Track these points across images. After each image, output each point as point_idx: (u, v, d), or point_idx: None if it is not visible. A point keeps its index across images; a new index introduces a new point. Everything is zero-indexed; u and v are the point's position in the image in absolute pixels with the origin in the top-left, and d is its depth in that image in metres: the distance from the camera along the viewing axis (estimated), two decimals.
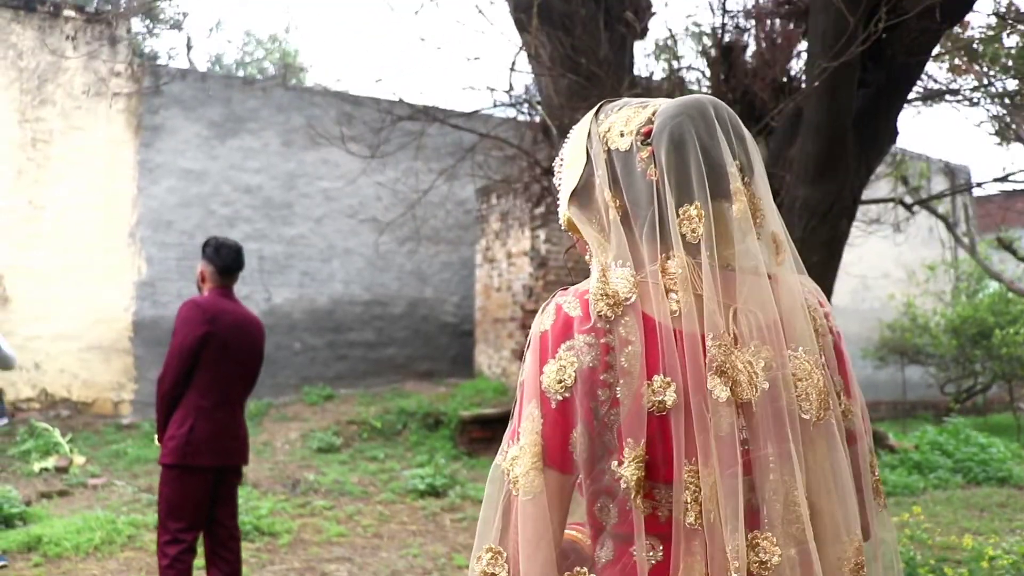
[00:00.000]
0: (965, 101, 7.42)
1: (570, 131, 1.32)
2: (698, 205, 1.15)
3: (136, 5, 7.43)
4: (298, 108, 11.05)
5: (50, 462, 8.14)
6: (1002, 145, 9.15)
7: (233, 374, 3.78)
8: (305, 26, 31.54)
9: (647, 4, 4.45)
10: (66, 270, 9.65)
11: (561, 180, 1.30)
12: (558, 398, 1.13)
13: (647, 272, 1.16)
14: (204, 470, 3.65)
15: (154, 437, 3.91)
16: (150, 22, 16.09)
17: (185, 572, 3.57)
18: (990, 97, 7.95)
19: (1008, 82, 7.65)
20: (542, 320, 1.19)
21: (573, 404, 1.13)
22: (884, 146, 3.43)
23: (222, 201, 10.56)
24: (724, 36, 4.57)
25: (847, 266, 11.53)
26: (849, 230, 3.40)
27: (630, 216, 1.19)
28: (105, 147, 9.92)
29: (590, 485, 1.17)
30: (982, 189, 15.48)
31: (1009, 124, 8.47)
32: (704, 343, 1.12)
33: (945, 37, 3.62)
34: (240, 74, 17.02)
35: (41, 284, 9.50)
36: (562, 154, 1.32)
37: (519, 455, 1.15)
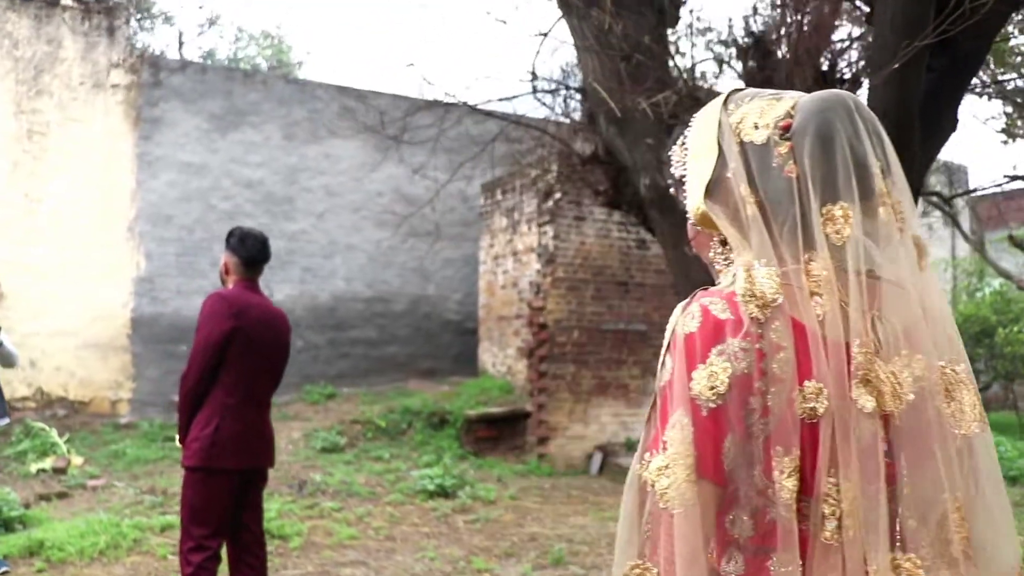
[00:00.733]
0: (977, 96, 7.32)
1: (692, 119, 1.25)
2: (844, 206, 1.10)
3: None
4: (300, 101, 10.85)
5: (48, 463, 7.93)
6: (1008, 143, 9.07)
7: (260, 371, 3.61)
8: (300, 21, 31.28)
9: None
10: (63, 266, 9.43)
11: (686, 171, 1.24)
12: (710, 405, 1.05)
13: (789, 273, 1.10)
14: (230, 472, 3.47)
15: (175, 438, 3.73)
16: (142, 16, 15.87)
17: None
18: (1001, 96, 7.85)
19: (1018, 80, 7.55)
20: (685, 322, 1.10)
21: (725, 412, 1.06)
22: (946, 134, 3.30)
23: (222, 195, 10.35)
24: (754, 24, 4.43)
25: None
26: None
27: (768, 213, 1.13)
28: (103, 140, 9.70)
29: (725, 496, 1.10)
30: (982, 188, 15.49)
31: (1015, 121, 8.40)
32: (849, 351, 1.07)
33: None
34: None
35: (37, 280, 9.27)
36: (683, 143, 1.26)
37: (668, 465, 1.06)
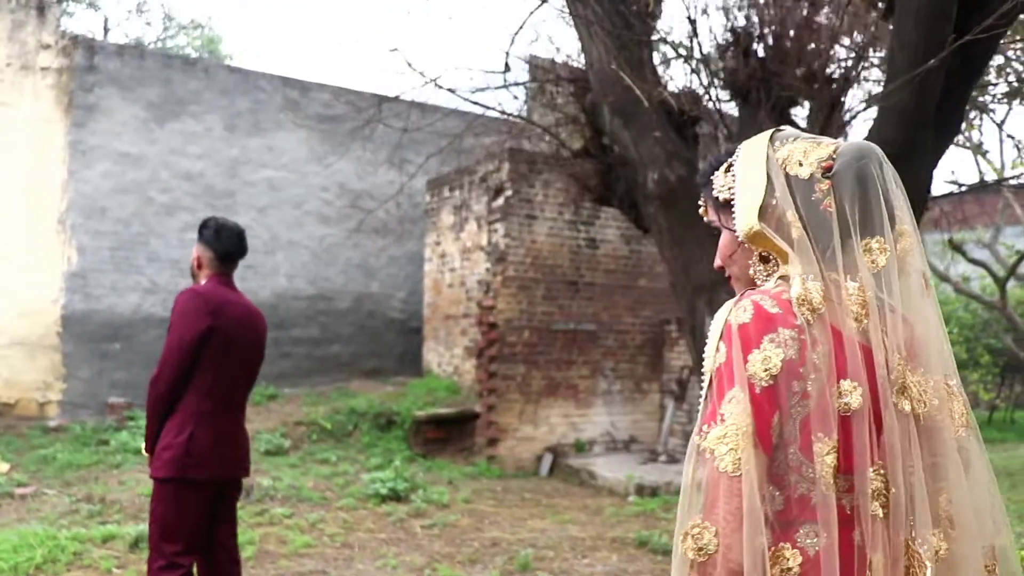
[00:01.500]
0: None
1: (738, 150, 1.44)
2: (880, 240, 1.31)
3: None
4: (242, 92, 10.46)
5: None
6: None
7: (236, 374, 3.38)
8: (232, 11, 30.38)
9: None
10: None
11: (732, 194, 1.42)
12: (763, 384, 1.22)
13: (831, 289, 1.30)
14: (205, 484, 3.24)
15: (141, 447, 3.47)
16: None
17: None
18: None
19: None
20: (738, 315, 1.27)
21: (776, 391, 1.22)
22: (953, 133, 3.29)
23: (160, 188, 9.90)
24: (734, 20, 4.37)
25: None
26: (921, 220, 3.26)
27: (811, 238, 1.32)
28: (32, 125, 9.15)
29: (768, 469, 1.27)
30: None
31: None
32: (887, 359, 1.28)
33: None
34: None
35: None
36: (729, 170, 1.44)
37: (726, 434, 1.20)
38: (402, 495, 7.34)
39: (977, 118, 8.25)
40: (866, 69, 3.93)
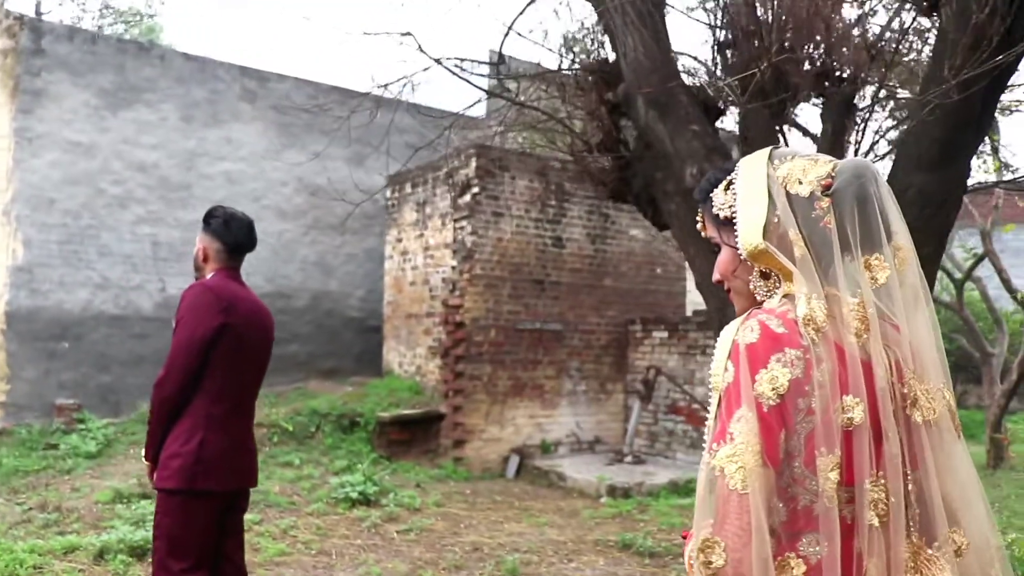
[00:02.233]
0: None
1: (737, 168, 1.46)
2: (879, 257, 1.36)
3: None
4: (199, 81, 10.06)
5: None
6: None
7: (247, 374, 3.14)
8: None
9: None
10: None
11: (733, 212, 1.44)
12: (771, 403, 1.25)
13: (833, 306, 1.34)
14: (215, 495, 3.00)
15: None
16: None
17: None
18: None
19: None
20: (745, 335, 1.31)
21: (783, 410, 1.26)
22: (983, 137, 3.26)
23: (113, 179, 9.44)
24: (735, 15, 4.27)
25: None
26: (955, 219, 3.22)
27: (813, 256, 1.35)
28: None
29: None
30: None
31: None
32: (890, 372, 1.34)
33: None
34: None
35: None
36: (730, 188, 1.46)
37: (736, 452, 1.23)
38: (372, 499, 7.13)
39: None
40: (881, 69, 3.85)
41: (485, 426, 9.39)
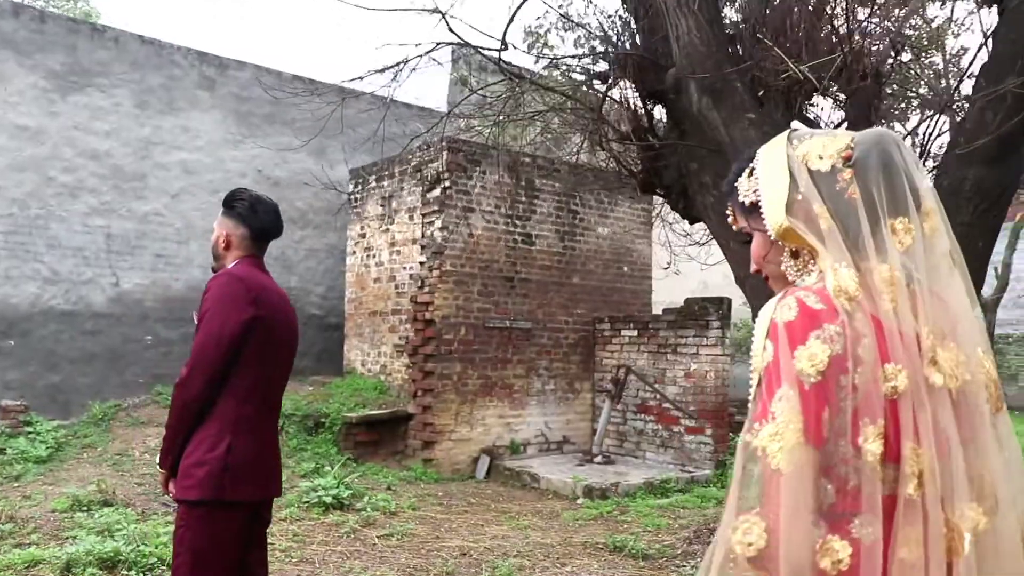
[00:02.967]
0: None
1: (757, 154, 1.47)
2: (904, 220, 1.34)
3: None
4: (156, 66, 9.57)
5: None
6: None
7: (276, 372, 2.86)
8: None
9: None
10: None
11: (757, 197, 1.46)
12: (811, 380, 1.23)
13: (864, 275, 1.32)
14: (244, 506, 2.71)
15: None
16: None
17: None
18: None
19: None
20: (782, 312, 1.29)
21: (824, 387, 1.23)
22: None
23: (63, 167, 8.91)
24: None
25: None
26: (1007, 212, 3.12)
27: (839, 227, 1.34)
28: None
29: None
30: None
31: None
32: (919, 339, 1.30)
33: None
34: None
35: None
36: (751, 175, 1.48)
37: (778, 431, 1.21)
38: (346, 503, 6.84)
39: None
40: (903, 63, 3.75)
41: (455, 426, 9.15)
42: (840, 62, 3.84)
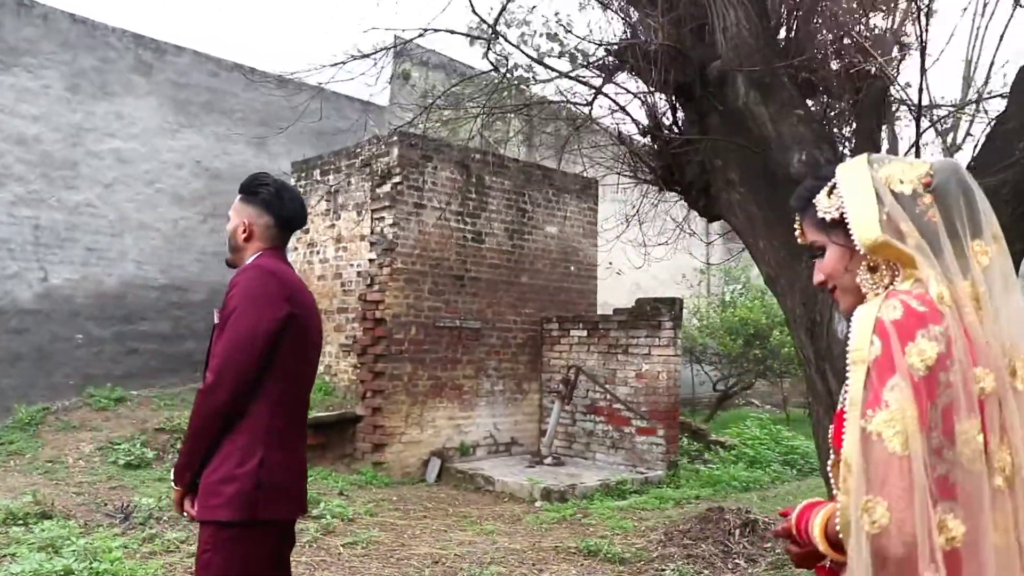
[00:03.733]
0: None
1: (836, 174, 1.57)
2: (981, 243, 1.47)
3: None
4: (89, 47, 9.00)
5: None
6: None
7: (305, 378, 2.60)
8: None
9: None
10: None
11: (838, 214, 1.55)
12: (920, 374, 1.33)
13: (952, 288, 1.43)
14: (277, 526, 2.46)
15: (170, 478, 2.55)
16: None
17: None
18: None
19: None
20: (888, 312, 1.39)
21: (930, 381, 1.33)
22: None
23: None
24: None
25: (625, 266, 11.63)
26: None
27: (925, 245, 1.46)
28: None
29: None
30: None
31: None
32: (1001, 346, 1.42)
33: None
34: None
35: None
36: (834, 193, 1.57)
37: (892, 418, 1.31)
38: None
39: None
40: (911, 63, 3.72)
41: (405, 428, 8.91)
42: (847, 61, 3.80)
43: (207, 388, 2.37)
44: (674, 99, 3.69)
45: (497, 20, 4.39)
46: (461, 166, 9.57)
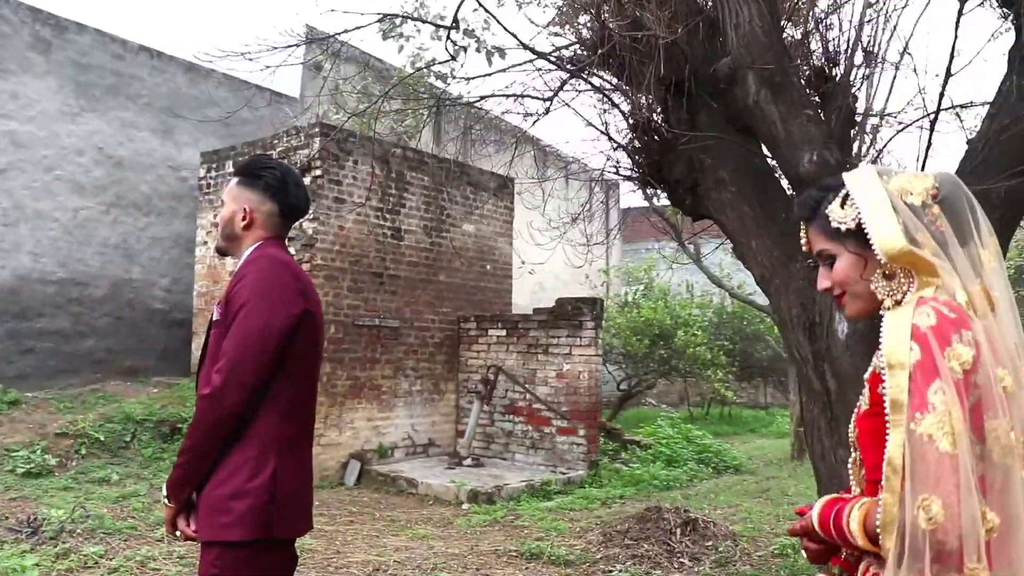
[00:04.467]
0: None
1: (846, 184, 1.63)
2: (986, 252, 1.57)
3: None
4: None
5: None
6: None
7: (315, 379, 2.39)
8: None
9: None
10: None
11: (854, 223, 1.60)
12: (957, 377, 1.40)
13: (968, 293, 1.53)
14: (288, 544, 2.27)
15: (163, 496, 2.28)
16: None
17: None
18: None
19: None
20: (921, 319, 1.46)
21: (966, 382, 1.41)
22: None
23: None
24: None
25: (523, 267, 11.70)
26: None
27: (941, 253, 1.54)
28: None
29: None
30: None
31: None
32: (1015, 345, 1.53)
33: None
34: None
35: None
36: (849, 203, 1.61)
37: (940, 420, 1.37)
38: None
39: None
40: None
41: (324, 430, 8.64)
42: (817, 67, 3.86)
43: (214, 392, 2.11)
44: (666, 95, 3.67)
45: (457, 12, 4.27)
46: (382, 161, 9.37)
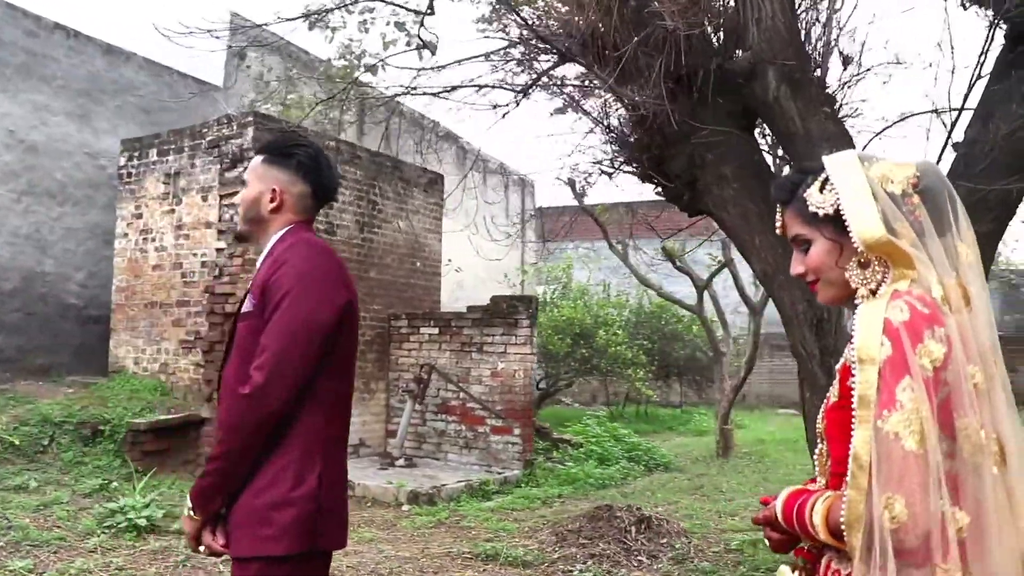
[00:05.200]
0: None
1: (826, 168, 1.59)
2: (963, 245, 1.55)
3: None
4: None
5: None
6: None
7: (353, 375, 2.21)
8: None
9: None
10: None
11: (832, 209, 1.56)
12: (927, 375, 1.38)
13: (943, 286, 1.50)
14: (329, 554, 2.11)
15: (187, 507, 2.07)
16: None
17: None
18: None
19: None
20: (893, 313, 1.43)
21: (936, 379, 1.39)
22: None
23: None
24: None
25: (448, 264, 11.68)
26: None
27: (919, 244, 1.51)
28: None
29: None
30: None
31: None
32: (988, 339, 1.52)
33: None
34: None
35: None
36: (828, 188, 1.57)
37: (907, 418, 1.36)
38: (159, 526, 5.96)
39: None
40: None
41: None
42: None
43: (255, 391, 1.91)
44: (672, 89, 3.64)
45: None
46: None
